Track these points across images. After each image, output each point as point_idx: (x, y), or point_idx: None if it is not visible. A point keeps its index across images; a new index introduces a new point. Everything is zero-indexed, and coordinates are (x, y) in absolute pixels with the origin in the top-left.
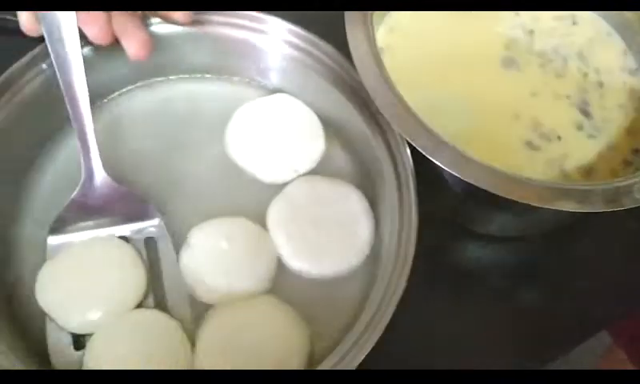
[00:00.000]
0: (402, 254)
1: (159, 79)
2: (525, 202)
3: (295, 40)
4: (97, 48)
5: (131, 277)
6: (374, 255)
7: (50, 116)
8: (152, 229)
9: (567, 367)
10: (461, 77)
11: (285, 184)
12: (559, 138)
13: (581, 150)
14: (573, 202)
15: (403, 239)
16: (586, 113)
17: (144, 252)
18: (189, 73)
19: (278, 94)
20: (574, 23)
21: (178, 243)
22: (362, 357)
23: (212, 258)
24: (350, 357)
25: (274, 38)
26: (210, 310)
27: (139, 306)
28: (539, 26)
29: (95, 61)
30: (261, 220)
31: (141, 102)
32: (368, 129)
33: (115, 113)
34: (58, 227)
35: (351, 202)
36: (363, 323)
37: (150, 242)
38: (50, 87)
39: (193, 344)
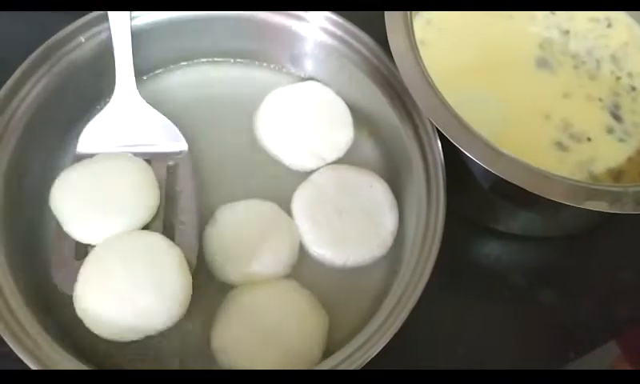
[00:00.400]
0: (426, 247)
1: (193, 61)
2: (556, 199)
3: (332, 28)
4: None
5: (144, 197)
6: (397, 247)
7: (87, 87)
8: (177, 156)
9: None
10: (494, 75)
11: (311, 171)
12: (589, 139)
13: (610, 153)
14: (604, 202)
15: (429, 233)
16: (616, 116)
17: (164, 178)
18: (223, 56)
19: (309, 82)
20: (609, 26)
21: (203, 222)
22: (381, 346)
23: (236, 238)
24: (368, 346)
25: (312, 24)
26: (232, 290)
27: (147, 228)
28: (575, 26)
29: (135, 39)
30: (286, 206)
31: (174, 84)
32: (399, 120)
33: (148, 92)
34: (86, 139)
35: (377, 193)
36: (384, 313)
37: (172, 170)
38: (88, 59)
39: (213, 322)
